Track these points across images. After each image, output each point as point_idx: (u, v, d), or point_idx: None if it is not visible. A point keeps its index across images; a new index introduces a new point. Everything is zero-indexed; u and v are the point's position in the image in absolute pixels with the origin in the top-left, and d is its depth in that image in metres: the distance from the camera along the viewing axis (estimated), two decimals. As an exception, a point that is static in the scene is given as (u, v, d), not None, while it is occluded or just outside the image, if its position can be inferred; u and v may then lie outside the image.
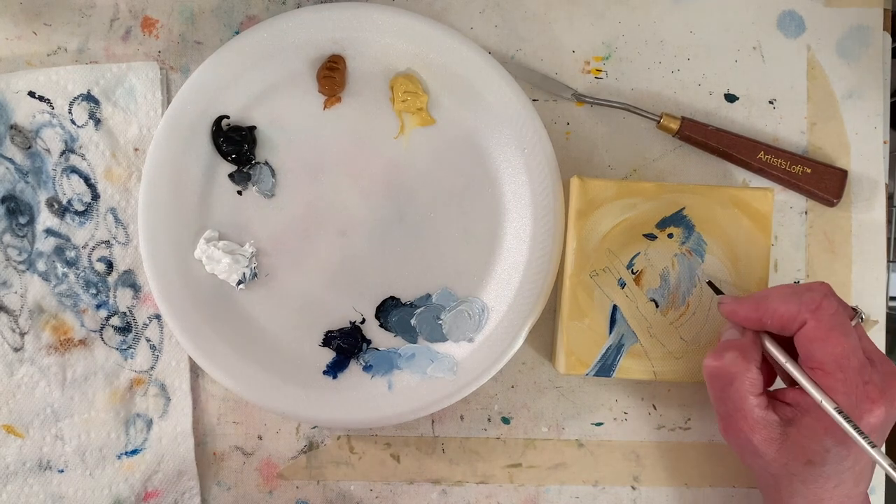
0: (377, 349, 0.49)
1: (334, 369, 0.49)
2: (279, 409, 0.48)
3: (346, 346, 0.49)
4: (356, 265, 0.49)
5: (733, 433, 0.41)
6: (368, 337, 0.49)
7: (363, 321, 0.49)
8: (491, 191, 0.49)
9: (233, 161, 0.49)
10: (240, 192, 0.49)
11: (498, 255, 0.49)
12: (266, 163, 0.49)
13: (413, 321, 0.49)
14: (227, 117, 0.48)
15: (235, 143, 0.48)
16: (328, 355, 0.49)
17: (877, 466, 0.40)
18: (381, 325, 0.49)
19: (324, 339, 0.49)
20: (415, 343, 0.49)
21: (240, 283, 0.48)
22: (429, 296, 0.49)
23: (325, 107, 0.49)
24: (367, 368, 0.49)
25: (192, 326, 0.47)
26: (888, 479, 0.50)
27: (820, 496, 0.39)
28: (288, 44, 0.48)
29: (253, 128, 0.49)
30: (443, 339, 0.49)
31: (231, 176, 0.49)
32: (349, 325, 0.49)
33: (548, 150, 0.48)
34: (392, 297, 0.49)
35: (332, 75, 0.48)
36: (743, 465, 0.44)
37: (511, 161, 0.49)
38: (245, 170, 0.49)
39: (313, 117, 0.49)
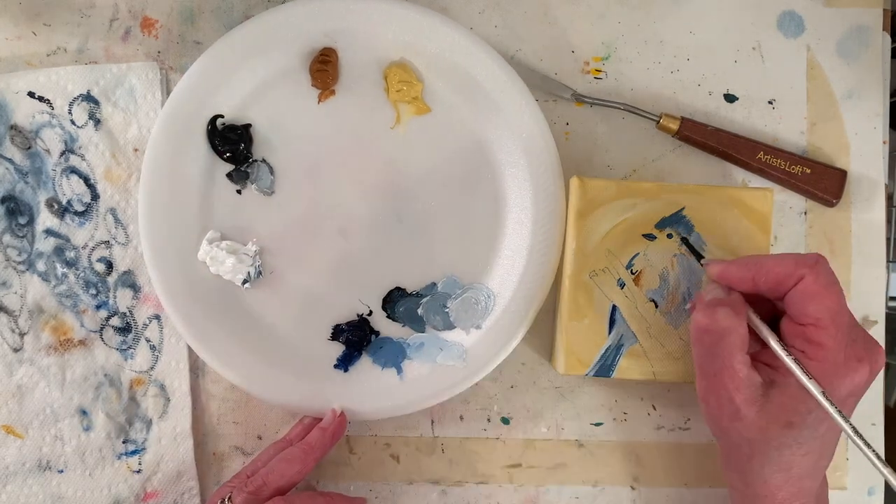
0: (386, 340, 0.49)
1: (345, 362, 0.49)
2: (292, 406, 0.48)
3: (355, 338, 0.49)
4: (360, 257, 0.49)
5: (715, 394, 0.40)
6: (376, 328, 0.49)
7: (370, 313, 0.49)
8: (490, 176, 0.49)
9: (230, 160, 0.48)
10: (239, 192, 0.49)
11: (501, 241, 0.49)
12: (264, 160, 0.49)
13: (420, 310, 0.49)
14: (222, 116, 0.48)
15: (231, 142, 0.48)
16: (338, 349, 0.49)
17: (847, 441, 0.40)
18: (389, 317, 0.49)
19: (332, 333, 0.49)
20: (423, 332, 0.49)
21: (245, 282, 0.48)
22: (434, 284, 0.49)
23: (319, 101, 0.49)
24: (377, 360, 0.49)
25: (200, 328, 0.47)
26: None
27: (790, 463, 0.40)
28: (279, 38, 0.48)
29: (248, 126, 0.49)
30: (450, 326, 0.49)
31: (229, 175, 0.49)
32: (357, 318, 0.49)
33: (542, 124, 0.48)
34: (398, 288, 0.49)
35: (324, 68, 0.48)
36: (713, 437, 0.44)
37: (508, 145, 0.49)
38: (243, 168, 0.49)
39: (309, 112, 0.49)
